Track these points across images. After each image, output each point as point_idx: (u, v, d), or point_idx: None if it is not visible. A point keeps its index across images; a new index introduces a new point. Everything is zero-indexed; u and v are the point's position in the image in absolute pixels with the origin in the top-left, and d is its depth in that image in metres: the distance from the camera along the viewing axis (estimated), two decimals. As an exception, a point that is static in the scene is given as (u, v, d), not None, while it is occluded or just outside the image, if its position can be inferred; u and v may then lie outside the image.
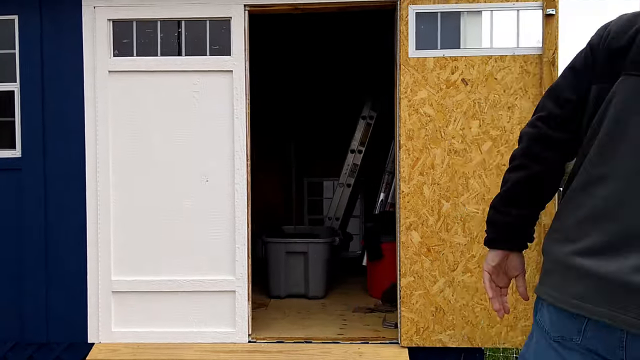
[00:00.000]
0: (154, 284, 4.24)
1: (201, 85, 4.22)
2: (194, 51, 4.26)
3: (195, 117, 4.22)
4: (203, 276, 4.24)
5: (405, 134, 4.07)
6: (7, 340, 4.34)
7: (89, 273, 4.27)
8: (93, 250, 4.26)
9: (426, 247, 4.09)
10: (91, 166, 4.25)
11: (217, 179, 4.23)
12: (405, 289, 4.12)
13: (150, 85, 4.23)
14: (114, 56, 4.25)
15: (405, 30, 4.06)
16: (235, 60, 4.19)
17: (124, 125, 4.25)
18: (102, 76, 4.23)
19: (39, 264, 4.28)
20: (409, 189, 4.08)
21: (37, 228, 4.28)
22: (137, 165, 4.25)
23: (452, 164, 4.07)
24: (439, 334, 4.10)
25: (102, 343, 4.26)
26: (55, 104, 4.27)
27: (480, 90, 4.04)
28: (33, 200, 4.28)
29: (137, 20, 4.24)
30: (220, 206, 4.23)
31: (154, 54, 4.25)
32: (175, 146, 4.23)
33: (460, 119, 4.05)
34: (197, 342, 4.22)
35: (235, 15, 4.17)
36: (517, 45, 4.05)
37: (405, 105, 4.06)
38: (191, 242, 4.24)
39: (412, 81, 4.06)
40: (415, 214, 4.08)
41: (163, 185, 4.24)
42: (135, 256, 4.26)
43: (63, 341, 4.31)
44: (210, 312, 4.25)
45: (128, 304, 4.27)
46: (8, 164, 4.30)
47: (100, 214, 4.24)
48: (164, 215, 4.24)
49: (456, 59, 4.05)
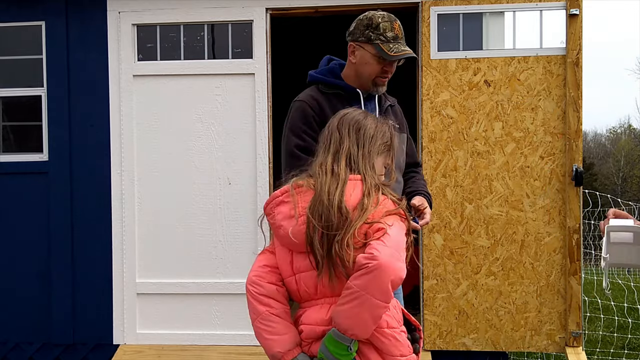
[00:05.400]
0: (177, 286, 4.28)
1: (223, 88, 4.25)
2: (217, 55, 4.29)
3: (217, 120, 4.26)
4: (226, 279, 4.26)
5: (428, 136, 4.06)
6: (35, 341, 4.41)
7: (114, 275, 4.32)
8: (118, 252, 4.31)
9: (449, 249, 4.06)
10: (116, 170, 4.30)
11: (240, 182, 4.25)
12: (428, 292, 4.10)
13: (173, 89, 4.28)
14: (138, 60, 4.31)
15: (427, 32, 4.05)
16: (257, 63, 4.21)
17: (148, 128, 4.30)
18: (127, 80, 4.28)
19: (65, 266, 4.34)
20: (432, 191, 4.05)
21: (63, 231, 4.34)
22: (161, 168, 4.29)
23: (474, 166, 4.04)
24: (462, 337, 4.07)
25: (127, 344, 4.31)
26: (81, 109, 4.34)
27: (503, 91, 4.01)
28: (59, 203, 4.34)
29: (160, 24, 4.28)
30: (243, 209, 4.25)
31: (177, 58, 4.29)
32: (198, 149, 4.27)
33: (483, 120, 4.03)
34: (221, 345, 4.24)
35: (257, 18, 4.20)
36: (540, 46, 4.01)
37: (427, 107, 4.05)
38: (214, 244, 4.27)
39: (434, 83, 4.04)
40: (438, 217, 4.06)
41: (186, 188, 4.27)
42: (159, 259, 4.30)
43: (89, 342, 4.36)
44: (234, 314, 4.27)
45: (152, 306, 4.31)
46: (35, 168, 4.37)
47: (125, 216, 4.29)
48: (188, 218, 4.28)
49: (478, 60, 4.02)
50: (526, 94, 4.00)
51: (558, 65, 3.98)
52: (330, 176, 1.90)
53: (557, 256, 4.00)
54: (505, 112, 4.02)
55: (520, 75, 4.00)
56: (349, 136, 1.98)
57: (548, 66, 3.98)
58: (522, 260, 4.02)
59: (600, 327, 5.66)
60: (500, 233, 4.02)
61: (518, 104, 4.00)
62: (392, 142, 2.06)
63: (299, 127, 2.53)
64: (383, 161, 2.04)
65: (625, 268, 4.55)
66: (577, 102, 3.95)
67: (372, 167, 1.97)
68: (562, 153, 3.99)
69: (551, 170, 4.00)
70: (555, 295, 4.01)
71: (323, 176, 1.90)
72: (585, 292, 5.71)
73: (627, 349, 5.12)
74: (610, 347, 5.14)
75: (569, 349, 3.97)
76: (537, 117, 3.99)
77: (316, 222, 1.83)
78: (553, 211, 4.00)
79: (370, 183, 1.91)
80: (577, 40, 3.94)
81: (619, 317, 5.66)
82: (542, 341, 4.03)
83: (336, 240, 1.81)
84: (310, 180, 1.94)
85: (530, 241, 4.02)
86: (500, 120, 4.02)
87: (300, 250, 1.91)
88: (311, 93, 2.62)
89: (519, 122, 4.00)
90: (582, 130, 4.02)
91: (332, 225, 1.82)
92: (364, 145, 1.98)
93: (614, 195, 8.05)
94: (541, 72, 3.99)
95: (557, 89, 3.98)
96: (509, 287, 4.03)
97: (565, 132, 3.98)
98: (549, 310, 4.01)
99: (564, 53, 3.97)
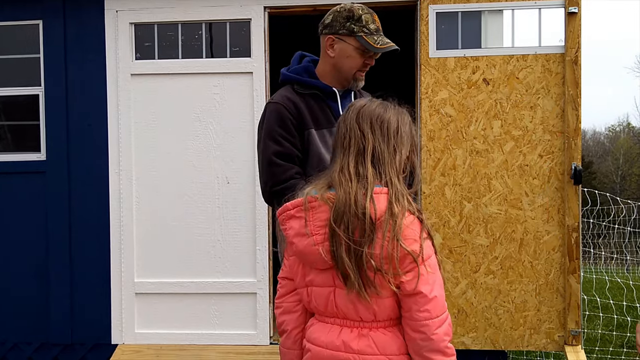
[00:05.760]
0: (176, 285, 4.27)
1: (222, 87, 4.24)
2: (215, 53, 4.28)
3: (216, 119, 4.25)
4: (224, 278, 4.26)
5: (426, 135, 4.05)
6: (33, 341, 4.40)
7: (113, 275, 4.31)
8: (116, 252, 4.30)
9: (448, 248, 4.06)
10: (114, 169, 4.29)
11: (239, 181, 4.24)
12: (427, 291, 4.08)
13: (171, 88, 4.27)
14: (136, 59, 4.30)
15: (425, 30, 4.04)
16: (256, 62, 4.20)
17: (146, 127, 4.29)
18: (125, 79, 4.27)
19: (63, 266, 4.34)
20: (431, 190, 4.05)
21: (61, 230, 4.33)
22: (159, 167, 4.28)
23: (473, 164, 4.03)
24: (461, 336, 4.06)
25: (126, 344, 4.30)
26: (78, 108, 4.33)
27: (501, 89, 4.00)
28: (57, 202, 4.33)
29: (158, 23, 4.27)
30: (242, 208, 4.24)
31: (175, 57, 4.28)
32: (197, 148, 4.26)
33: (481, 119, 4.02)
34: (219, 344, 4.24)
35: (255, 17, 4.19)
36: (539, 44, 4.01)
37: (426, 105, 4.04)
38: (213, 244, 4.26)
39: (432, 81, 4.03)
40: (436, 215, 4.05)
41: (185, 187, 4.27)
42: (157, 258, 4.29)
43: (87, 342, 4.36)
44: (232, 314, 4.26)
45: (151, 306, 4.31)
46: (33, 167, 4.36)
47: (123, 216, 4.28)
48: (186, 217, 4.27)
49: (477, 58, 4.01)
50: (525, 92, 3.99)
51: (557, 63, 3.97)
52: (356, 182, 1.70)
53: (556, 255, 3.99)
54: (504, 110, 4.01)
55: (519, 74, 3.99)
56: (373, 132, 1.75)
57: (547, 64, 3.98)
58: (521, 258, 4.01)
59: (599, 325, 5.66)
60: (499, 232, 4.01)
61: (517, 102, 4.00)
62: (413, 134, 1.83)
63: (276, 132, 2.40)
64: (407, 156, 1.81)
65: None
66: (576, 100, 3.94)
67: (399, 167, 1.76)
68: (561, 151, 3.98)
69: (550, 168, 3.99)
70: (554, 293, 4.01)
71: (347, 183, 1.70)
72: (584, 290, 5.71)
73: (626, 348, 5.12)
74: (610, 345, 5.14)
75: (568, 348, 3.97)
76: (536, 115, 3.98)
77: (343, 235, 1.66)
78: (552, 210, 3.99)
79: (397, 188, 1.72)
80: (576, 39, 3.93)
81: (618, 316, 5.66)
82: (541, 340, 4.03)
83: (369, 253, 1.65)
84: (326, 194, 1.74)
85: (529, 240, 4.01)
86: (499, 119, 4.01)
87: (314, 267, 1.78)
88: (286, 94, 2.48)
89: (518, 120, 4.00)
90: (581, 128, 4.01)
91: (364, 235, 1.66)
92: (389, 142, 1.76)
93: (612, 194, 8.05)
94: (540, 70, 3.98)
95: (556, 87, 3.97)
96: (508, 286, 4.03)
97: (564, 130, 3.97)
98: (548, 309, 4.00)
99: (562, 51, 3.96)
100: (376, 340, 1.73)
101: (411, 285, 1.66)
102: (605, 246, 10.02)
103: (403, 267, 1.66)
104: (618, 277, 7.03)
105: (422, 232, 1.70)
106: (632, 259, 10.61)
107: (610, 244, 9.87)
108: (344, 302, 1.73)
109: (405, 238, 1.65)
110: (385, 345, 1.73)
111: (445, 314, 1.70)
